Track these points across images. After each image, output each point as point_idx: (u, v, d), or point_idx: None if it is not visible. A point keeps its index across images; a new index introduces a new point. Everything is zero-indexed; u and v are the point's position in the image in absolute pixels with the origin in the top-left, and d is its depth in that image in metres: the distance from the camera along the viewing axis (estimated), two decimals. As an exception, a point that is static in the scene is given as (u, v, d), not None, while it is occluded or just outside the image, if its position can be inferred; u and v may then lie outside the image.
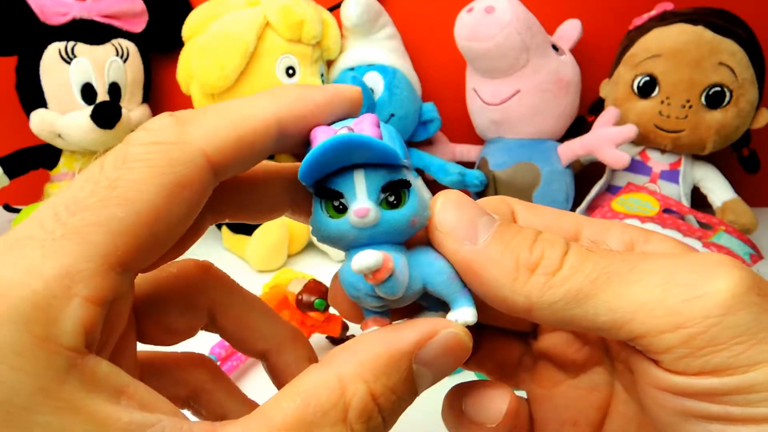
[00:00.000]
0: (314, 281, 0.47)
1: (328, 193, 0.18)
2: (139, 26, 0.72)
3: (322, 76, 0.68)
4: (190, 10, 0.66)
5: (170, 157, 0.16)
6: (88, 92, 0.67)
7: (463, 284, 0.19)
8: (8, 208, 0.72)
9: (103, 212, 0.15)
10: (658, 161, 0.69)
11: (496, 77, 0.65)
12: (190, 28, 0.65)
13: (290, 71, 0.64)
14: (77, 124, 0.65)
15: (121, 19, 0.70)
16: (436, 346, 0.18)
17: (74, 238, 0.15)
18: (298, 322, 0.47)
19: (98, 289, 0.15)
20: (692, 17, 0.62)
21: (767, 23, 0.66)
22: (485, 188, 0.68)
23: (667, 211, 0.60)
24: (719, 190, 0.68)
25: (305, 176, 0.18)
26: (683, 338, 0.16)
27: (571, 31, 0.68)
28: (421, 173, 0.73)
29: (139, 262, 0.16)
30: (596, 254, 0.17)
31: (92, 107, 0.65)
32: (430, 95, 0.75)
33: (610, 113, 0.65)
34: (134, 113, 0.70)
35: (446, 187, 0.69)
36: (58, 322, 0.14)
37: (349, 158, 0.17)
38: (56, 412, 0.13)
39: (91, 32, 0.68)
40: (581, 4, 0.73)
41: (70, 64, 0.66)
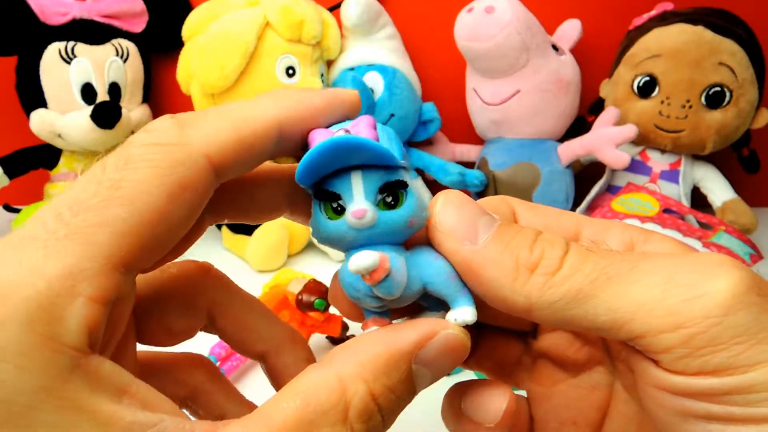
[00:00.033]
0: (314, 281, 0.47)
1: (326, 195, 0.18)
2: (139, 26, 0.72)
3: (322, 76, 0.68)
4: (190, 10, 0.66)
5: (172, 158, 0.16)
6: (88, 92, 0.67)
7: (462, 284, 0.19)
8: (8, 208, 0.72)
9: (106, 212, 0.15)
10: (658, 161, 0.69)
11: (496, 77, 0.65)
12: (190, 28, 0.65)
13: (290, 71, 0.64)
14: (77, 124, 0.65)
15: (121, 19, 0.70)
16: (435, 346, 0.18)
17: (77, 238, 0.15)
18: (298, 322, 0.47)
19: (102, 288, 0.15)
20: (692, 17, 0.62)
21: (767, 23, 0.66)
22: (485, 188, 0.68)
23: (667, 211, 0.60)
24: (719, 190, 0.68)
25: (302, 178, 0.18)
26: (683, 338, 0.16)
27: (571, 31, 0.68)
28: (421, 173, 0.73)
29: (141, 262, 0.16)
30: (596, 254, 0.17)
31: (92, 107, 0.65)
32: (430, 95, 0.75)
33: (610, 113, 0.65)
34: (134, 113, 0.70)
35: (446, 187, 0.69)
36: (62, 321, 0.14)
37: (345, 160, 0.17)
38: (60, 411, 0.14)
39: (91, 32, 0.68)
40: (581, 4, 0.73)
41: (70, 64, 0.66)
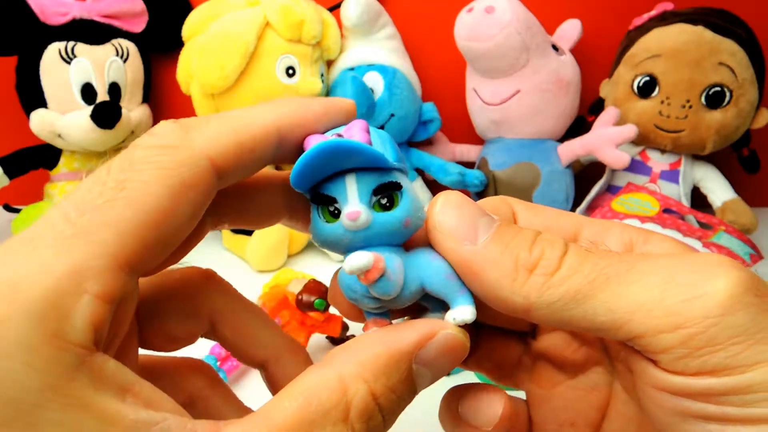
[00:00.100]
0: (314, 281, 0.47)
1: (322, 198, 0.18)
2: (139, 26, 0.72)
3: (322, 76, 0.68)
4: (190, 10, 0.66)
5: (176, 159, 0.17)
6: (88, 92, 0.67)
7: (461, 283, 0.19)
8: (8, 208, 0.72)
9: (111, 212, 0.15)
10: (658, 161, 0.69)
11: (496, 77, 0.65)
12: (190, 28, 0.65)
13: (290, 71, 0.64)
14: (77, 124, 0.65)
15: (121, 19, 0.70)
16: (435, 346, 0.18)
17: (84, 237, 0.15)
18: (298, 322, 0.47)
19: (107, 286, 0.15)
20: (692, 17, 0.62)
21: (767, 23, 0.66)
22: (485, 188, 0.68)
23: (667, 211, 0.60)
24: (719, 190, 0.68)
25: (296, 182, 0.18)
26: (682, 338, 0.16)
27: (571, 31, 0.68)
28: (421, 173, 0.73)
29: (145, 262, 0.16)
30: (595, 255, 0.18)
31: (92, 107, 0.65)
32: (430, 95, 0.75)
33: (610, 113, 0.65)
34: (134, 113, 0.70)
35: (446, 187, 0.69)
36: (68, 318, 0.14)
37: (339, 164, 0.18)
38: (65, 408, 0.14)
39: (91, 32, 0.68)
40: (581, 4, 0.73)
41: (70, 64, 0.66)
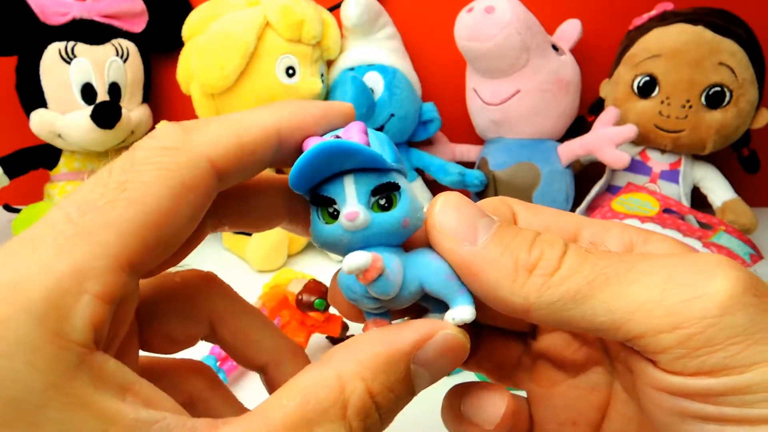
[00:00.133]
0: (314, 281, 0.47)
1: (321, 200, 0.19)
2: (139, 26, 0.72)
3: (322, 76, 0.68)
4: (190, 10, 0.66)
5: (177, 160, 0.17)
6: (88, 92, 0.67)
7: (461, 283, 0.19)
8: (8, 208, 0.72)
9: (112, 213, 0.16)
10: (658, 161, 0.69)
11: (496, 77, 0.65)
12: (190, 28, 0.65)
13: (290, 71, 0.64)
14: (77, 124, 0.65)
15: (121, 19, 0.70)
16: (434, 347, 0.18)
17: (85, 237, 0.15)
18: (298, 322, 0.47)
19: (108, 286, 0.15)
20: (692, 17, 0.62)
21: (767, 23, 0.66)
22: (485, 188, 0.68)
23: (667, 211, 0.60)
24: (719, 190, 0.68)
25: (295, 183, 0.18)
26: (680, 339, 0.16)
27: (571, 31, 0.68)
28: (421, 173, 0.73)
29: (146, 262, 0.16)
30: (594, 255, 0.18)
31: (92, 107, 0.65)
32: (430, 95, 0.75)
33: (610, 113, 0.65)
34: (134, 113, 0.70)
35: (446, 187, 0.69)
36: (69, 318, 0.14)
37: (338, 165, 0.18)
38: (66, 407, 0.14)
39: (91, 32, 0.68)
40: (581, 4, 0.73)
41: (70, 64, 0.66)
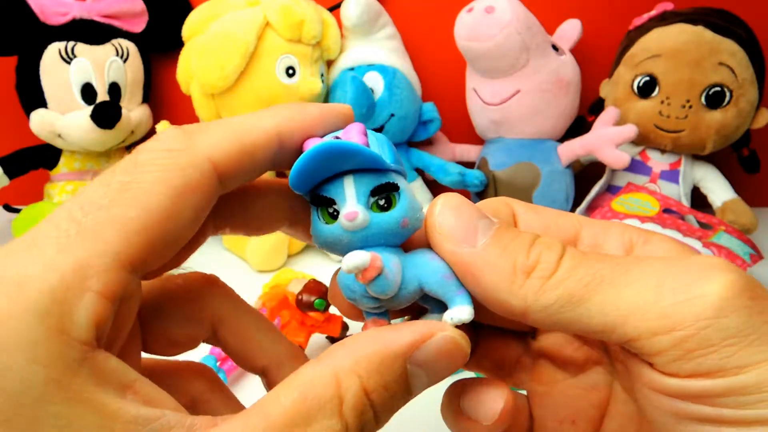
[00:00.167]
0: (314, 281, 0.47)
1: (321, 200, 0.19)
2: (139, 26, 0.72)
3: (322, 76, 0.68)
4: (190, 10, 0.66)
5: (179, 162, 0.17)
6: (88, 92, 0.67)
7: (459, 283, 0.19)
8: (8, 208, 0.72)
9: (115, 212, 0.16)
10: (658, 161, 0.69)
11: (496, 77, 0.65)
12: (190, 28, 0.65)
13: (290, 71, 0.64)
14: (77, 124, 0.65)
15: (121, 19, 0.70)
16: (431, 348, 0.18)
17: (88, 235, 0.15)
18: (298, 322, 0.47)
19: (110, 284, 0.15)
20: (692, 17, 0.62)
21: (767, 23, 0.66)
22: (485, 188, 0.68)
23: (667, 211, 0.60)
24: (719, 190, 0.68)
25: (295, 183, 0.18)
26: (675, 341, 0.16)
27: (571, 31, 0.68)
28: (421, 173, 0.73)
29: (148, 261, 0.17)
30: (591, 258, 0.18)
31: (92, 107, 0.65)
32: (430, 95, 0.75)
33: (610, 113, 0.65)
34: (134, 113, 0.70)
35: (446, 186, 0.69)
36: (72, 315, 0.14)
37: (337, 165, 0.18)
38: (67, 403, 0.14)
39: (91, 32, 0.68)
40: (581, 4, 0.73)
41: (70, 64, 0.66)
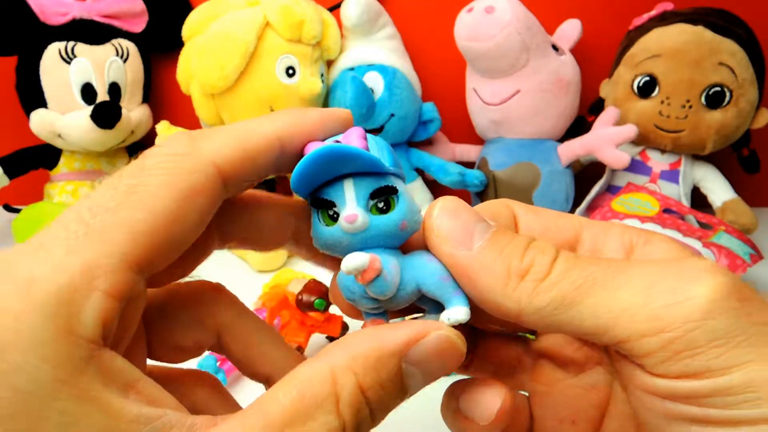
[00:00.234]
0: (314, 281, 0.47)
1: (321, 203, 0.19)
2: (139, 26, 0.72)
3: (322, 76, 0.68)
4: (190, 10, 0.66)
5: (184, 165, 0.18)
6: (88, 92, 0.67)
7: (456, 285, 0.19)
8: (8, 208, 0.72)
9: (122, 214, 0.16)
10: (658, 161, 0.69)
11: (496, 77, 0.65)
12: (190, 28, 0.65)
13: (290, 71, 0.64)
14: (77, 124, 0.65)
15: (121, 19, 0.70)
16: (426, 346, 0.18)
17: (96, 236, 0.16)
18: (298, 322, 0.47)
19: (117, 284, 0.16)
20: (692, 17, 0.62)
21: (767, 23, 0.66)
22: (485, 188, 0.68)
23: (667, 211, 0.60)
24: (719, 190, 0.68)
25: (296, 186, 0.19)
26: (663, 342, 0.16)
27: (571, 31, 0.68)
28: (421, 173, 0.73)
29: (154, 262, 0.17)
30: (584, 261, 0.18)
31: (92, 107, 0.65)
32: (430, 95, 0.75)
33: (610, 113, 0.65)
34: (134, 113, 0.70)
35: (446, 186, 0.69)
36: (79, 314, 0.15)
37: (337, 168, 0.19)
38: (74, 400, 0.14)
39: (91, 32, 0.68)
40: (581, 4, 0.73)
41: (70, 64, 0.66)
